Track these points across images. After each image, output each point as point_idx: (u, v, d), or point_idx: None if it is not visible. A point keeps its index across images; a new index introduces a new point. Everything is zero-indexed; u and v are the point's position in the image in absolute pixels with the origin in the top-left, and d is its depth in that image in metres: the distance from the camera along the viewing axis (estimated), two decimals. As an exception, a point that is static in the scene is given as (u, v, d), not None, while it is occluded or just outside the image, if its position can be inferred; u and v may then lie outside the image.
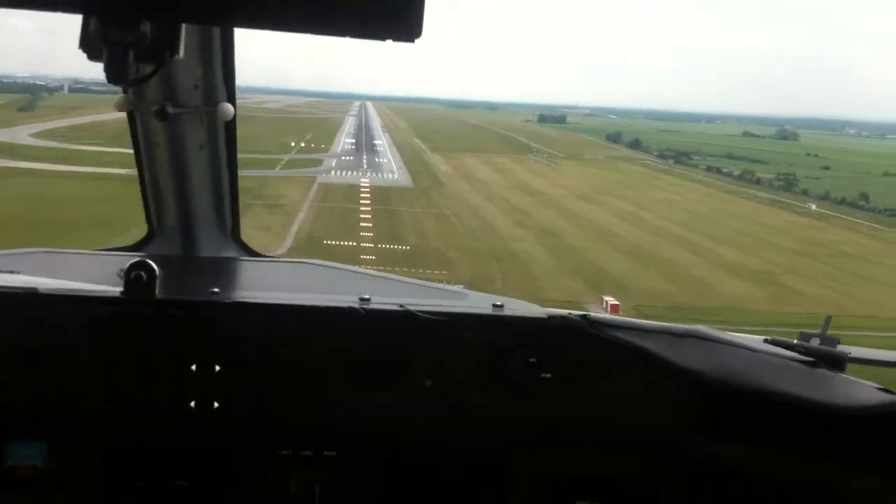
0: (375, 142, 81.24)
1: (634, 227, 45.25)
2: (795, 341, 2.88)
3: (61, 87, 66.06)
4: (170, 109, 2.81)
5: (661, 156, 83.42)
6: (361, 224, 40.47)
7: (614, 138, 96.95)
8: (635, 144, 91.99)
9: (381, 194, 49.95)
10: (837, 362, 2.78)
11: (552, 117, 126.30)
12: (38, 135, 54.79)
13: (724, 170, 71.97)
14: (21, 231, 24.92)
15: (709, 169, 73.91)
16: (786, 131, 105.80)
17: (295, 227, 38.36)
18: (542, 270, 34.12)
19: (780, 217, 51.55)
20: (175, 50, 1.41)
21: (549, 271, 34.06)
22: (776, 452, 2.70)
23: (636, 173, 70.53)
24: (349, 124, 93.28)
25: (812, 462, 2.67)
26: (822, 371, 2.74)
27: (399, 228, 40.85)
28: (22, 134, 53.80)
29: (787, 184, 63.57)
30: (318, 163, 60.45)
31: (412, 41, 1.14)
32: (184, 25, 1.45)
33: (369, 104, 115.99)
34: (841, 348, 2.84)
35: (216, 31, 2.83)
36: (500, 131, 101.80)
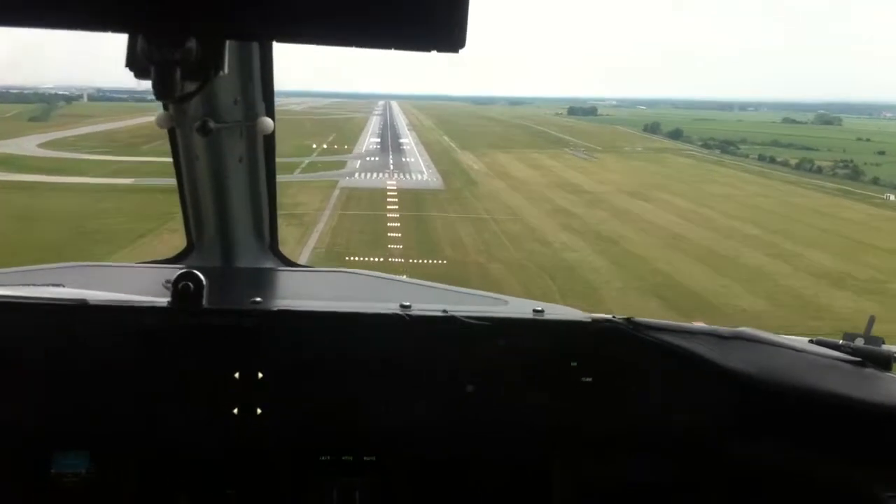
0: (401, 140, 77.58)
1: (700, 227, 39.10)
2: (841, 341, 2.82)
3: (81, 97, 69.11)
4: (211, 125, 2.81)
5: (706, 145, 79.01)
6: (389, 234, 34.96)
7: (652, 129, 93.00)
8: (676, 134, 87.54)
9: (410, 198, 44.80)
10: (884, 361, 2.70)
11: (582, 109, 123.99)
12: (45, 145, 53.52)
13: (779, 158, 66.34)
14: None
15: (761, 158, 69.14)
16: (827, 116, 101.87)
17: (312, 242, 33.11)
18: (606, 287, 28.10)
19: (860, 210, 45.03)
20: (220, 66, 1.40)
21: (615, 288, 28.04)
22: (824, 453, 2.64)
23: (684, 165, 64.71)
24: (374, 123, 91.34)
25: (860, 462, 2.61)
26: (869, 370, 2.67)
27: (432, 238, 35.16)
28: (29, 144, 52.81)
29: (854, 172, 57.41)
30: (341, 165, 56.83)
31: (457, 52, 1.12)
32: (228, 42, 1.45)
33: (394, 103, 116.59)
34: (886, 348, 2.78)
35: (255, 47, 2.83)
36: (530, 125, 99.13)
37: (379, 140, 75.48)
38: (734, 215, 41.88)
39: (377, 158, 61.45)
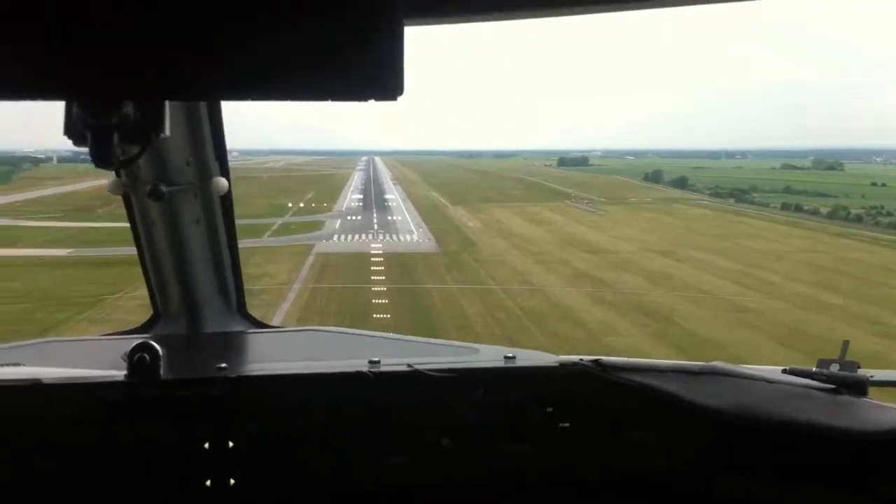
0: (386, 196, 70.69)
1: (767, 295, 30.59)
2: (814, 369, 2.80)
3: (50, 159, 65.91)
4: (163, 188, 2.75)
5: (715, 194, 72.26)
6: (374, 315, 26.32)
7: (654, 178, 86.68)
8: (680, 183, 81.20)
9: (399, 264, 36.65)
10: (859, 387, 2.68)
11: (572, 160, 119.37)
12: (-9, 210, 48.55)
13: (806, 207, 58.97)
14: None
15: (784, 207, 61.07)
16: (827, 162, 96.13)
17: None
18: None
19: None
20: (160, 129, 1.38)
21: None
22: (803, 484, 2.62)
23: (703, 217, 57.00)
24: (356, 179, 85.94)
25: (841, 491, 2.59)
26: (844, 397, 2.66)
27: (430, 320, 26.61)
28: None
29: (898, 219, 50.24)
30: (318, 226, 49.92)
31: (395, 99, 1.14)
32: (167, 103, 1.42)
33: (377, 158, 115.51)
34: (861, 372, 2.75)
35: (203, 107, 2.76)
36: (522, 177, 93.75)
37: (361, 196, 69.09)
38: (797, 277, 33.60)
39: (359, 217, 55.02)
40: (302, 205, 56.58)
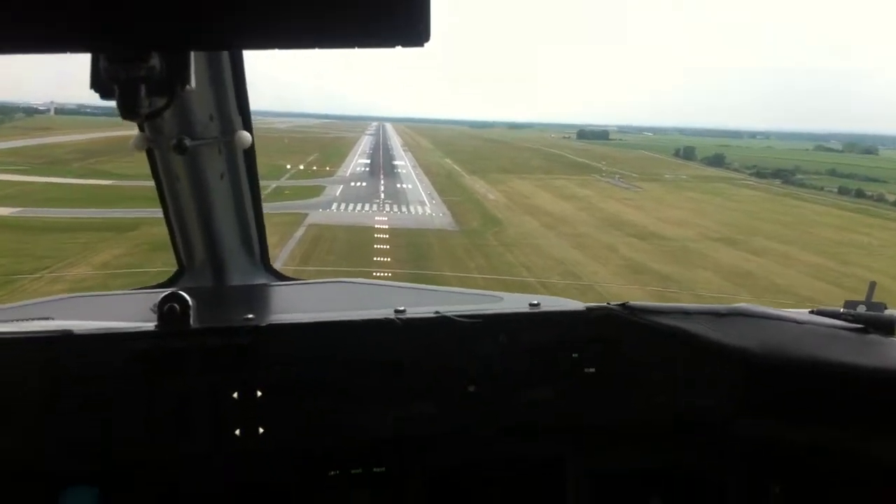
0: (396, 163, 63.17)
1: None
2: (842, 310, 2.73)
3: (48, 110, 66.95)
4: (187, 142, 2.66)
5: (758, 174, 64.43)
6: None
7: (686, 154, 79.25)
8: (716, 161, 74.05)
9: (409, 244, 29.82)
10: (886, 326, 2.62)
11: (593, 133, 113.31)
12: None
13: (869, 192, 51.89)
14: None
15: (842, 191, 54.23)
16: (862, 146, 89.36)
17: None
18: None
19: None
20: (186, 80, 1.37)
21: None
22: (832, 424, 2.58)
23: (755, 199, 49.73)
24: (364, 143, 78.68)
25: (869, 430, 2.56)
26: (872, 336, 2.62)
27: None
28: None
29: None
30: (317, 191, 43.15)
31: (421, 45, 1.10)
32: (193, 55, 1.41)
33: (388, 124, 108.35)
34: (889, 312, 2.68)
35: (226, 61, 2.70)
36: (541, 148, 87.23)
37: (369, 161, 61.72)
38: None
39: (364, 184, 47.74)
40: (302, 167, 50.88)
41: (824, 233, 36.13)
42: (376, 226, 33.20)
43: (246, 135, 2.84)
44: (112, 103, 1.35)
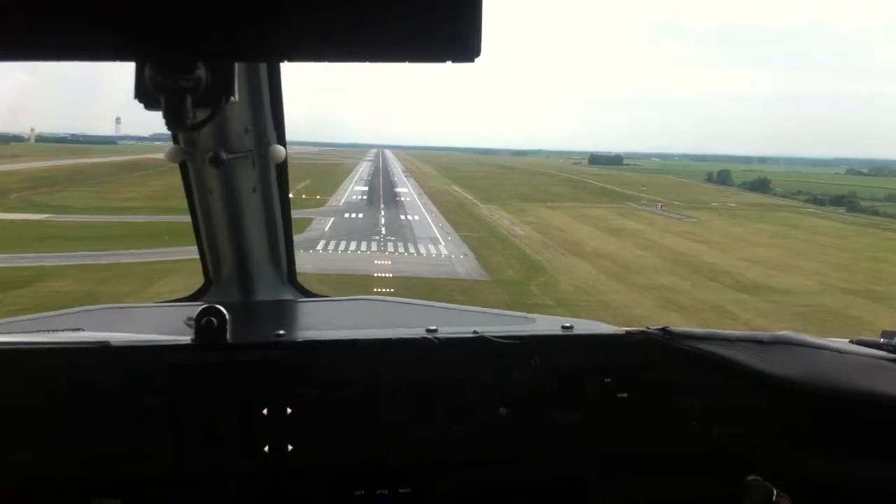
0: (398, 190, 53.45)
1: None
2: (882, 340, 2.65)
3: (28, 138, 67.80)
4: (223, 155, 2.64)
5: (815, 201, 55.14)
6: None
7: (721, 179, 69.50)
8: (759, 187, 64.03)
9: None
10: None
11: (606, 158, 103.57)
12: None
13: None
14: None
15: None
16: (888, 169, 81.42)
17: None
18: None
19: None
20: (231, 92, 1.35)
21: None
22: (873, 454, 2.52)
23: (841, 232, 39.98)
24: (362, 169, 69.31)
25: None
26: None
27: None
28: None
29: None
30: (300, 226, 33.51)
31: (472, 61, 1.06)
32: (237, 68, 1.40)
33: (388, 151, 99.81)
34: None
35: (264, 75, 2.66)
36: (555, 174, 77.91)
37: (366, 189, 51.84)
38: None
39: (361, 215, 37.80)
40: (291, 195, 40.54)
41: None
42: (376, 273, 23.71)
43: (280, 149, 2.79)
44: (106, 132, 1.25)
